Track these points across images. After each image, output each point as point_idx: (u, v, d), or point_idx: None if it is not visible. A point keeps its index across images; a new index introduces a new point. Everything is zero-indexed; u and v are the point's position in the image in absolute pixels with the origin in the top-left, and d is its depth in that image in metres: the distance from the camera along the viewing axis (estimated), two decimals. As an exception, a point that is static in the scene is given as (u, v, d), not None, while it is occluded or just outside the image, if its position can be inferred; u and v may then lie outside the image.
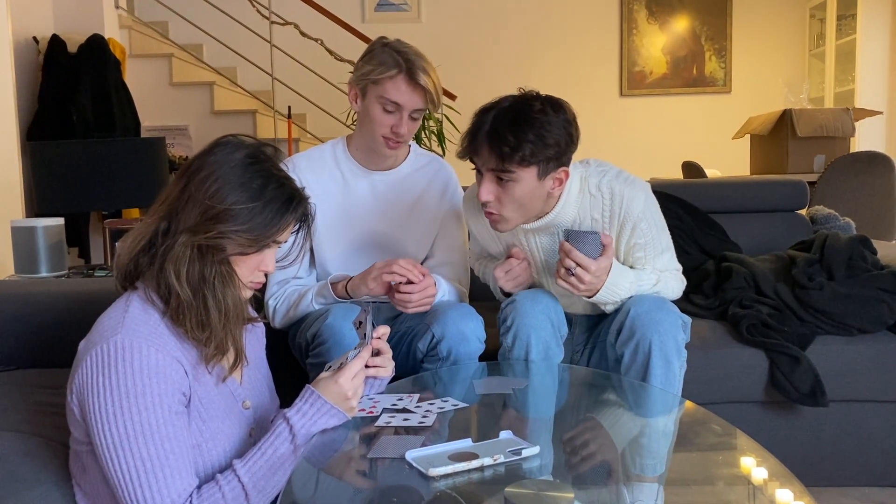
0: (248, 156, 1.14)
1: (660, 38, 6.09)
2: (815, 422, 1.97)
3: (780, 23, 6.14)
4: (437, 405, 1.31)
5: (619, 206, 1.61)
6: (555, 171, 1.53)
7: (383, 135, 1.75)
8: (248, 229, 1.11)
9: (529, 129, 1.46)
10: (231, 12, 4.71)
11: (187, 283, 1.09)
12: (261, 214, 1.11)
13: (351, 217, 1.86)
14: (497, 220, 1.58)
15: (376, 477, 1.06)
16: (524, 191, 1.52)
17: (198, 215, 1.10)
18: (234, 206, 1.10)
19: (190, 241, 1.10)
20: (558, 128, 1.49)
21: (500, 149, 1.47)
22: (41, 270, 2.32)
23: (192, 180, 1.12)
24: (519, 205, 1.54)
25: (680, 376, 1.64)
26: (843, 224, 2.59)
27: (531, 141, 1.46)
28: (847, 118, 3.98)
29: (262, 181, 1.12)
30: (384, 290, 1.66)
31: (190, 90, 4.56)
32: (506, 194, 1.52)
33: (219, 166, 1.12)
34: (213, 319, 1.11)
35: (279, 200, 1.13)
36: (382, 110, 1.73)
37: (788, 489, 0.96)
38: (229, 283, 1.13)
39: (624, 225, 1.62)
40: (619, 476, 1.09)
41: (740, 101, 6.12)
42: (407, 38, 1.83)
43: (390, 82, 1.70)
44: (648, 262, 1.69)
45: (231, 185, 1.10)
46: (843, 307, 1.99)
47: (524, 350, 1.64)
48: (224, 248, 1.11)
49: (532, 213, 1.59)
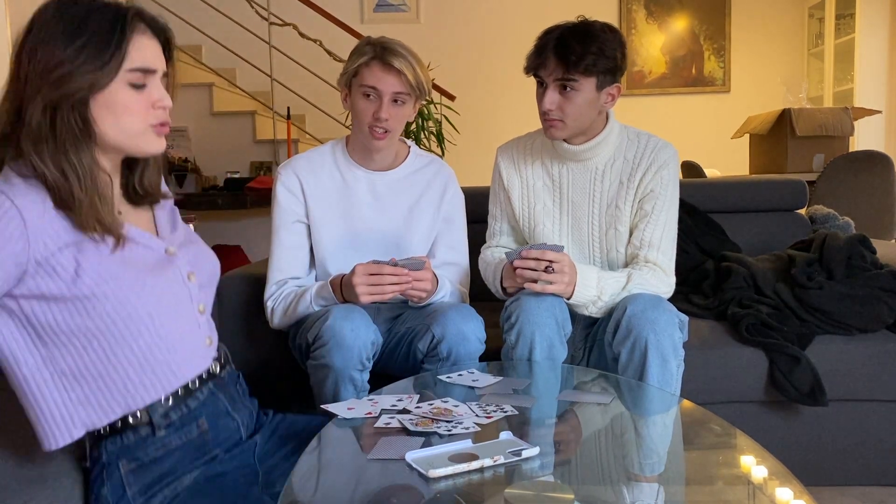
0: (58, 2, 1.08)
1: (658, 37, 6.10)
2: (814, 421, 1.97)
3: (779, 22, 6.15)
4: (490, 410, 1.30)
5: (651, 150, 1.80)
6: (610, 85, 1.73)
7: (368, 124, 1.76)
8: (85, 61, 1.04)
9: (592, 42, 1.67)
10: (230, 13, 4.71)
11: (50, 159, 1.04)
12: (93, 45, 1.05)
13: (350, 217, 1.86)
14: (555, 126, 1.75)
15: (376, 478, 1.07)
16: (584, 99, 1.71)
17: (41, 86, 1.04)
18: (66, 54, 1.04)
19: (41, 106, 1.03)
20: (614, 44, 1.70)
21: (567, 58, 1.67)
22: (41, 272, 2.32)
23: (21, 62, 1.06)
24: (578, 113, 1.72)
25: (677, 375, 1.65)
26: (843, 223, 2.59)
27: (594, 52, 1.67)
28: (846, 117, 3.98)
29: (82, 17, 1.06)
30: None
31: (189, 91, 4.56)
32: (567, 102, 1.71)
33: (38, 33, 1.07)
34: (75, 191, 1.05)
35: (106, 20, 1.07)
36: (364, 98, 1.76)
37: (788, 488, 0.96)
38: (83, 143, 1.06)
39: (649, 168, 1.79)
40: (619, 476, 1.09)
41: (739, 100, 6.12)
42: (405, 39, 1.84)
43: (366, 69, 1.75)
44: (648, 226, 1.78)
45: (55, 41, 1.05)
46: (842, 306, 1.99)
47: (528, 348, 1.65)
48: (73, 93, 1.04)
49: (585, 124, 1.76)
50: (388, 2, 6.02)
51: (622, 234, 1.82)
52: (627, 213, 1.81)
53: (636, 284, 1.73)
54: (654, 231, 1.78)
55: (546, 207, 1.87)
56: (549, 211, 1.87)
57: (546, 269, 1.64)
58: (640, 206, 1.80)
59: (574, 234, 1.86)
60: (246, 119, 4.61)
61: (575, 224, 1.86)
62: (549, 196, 1.87)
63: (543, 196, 1.88)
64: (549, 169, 1.87)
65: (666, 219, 1.80)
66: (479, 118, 5.90)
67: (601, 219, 1.84)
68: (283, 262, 1.84)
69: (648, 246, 1.78)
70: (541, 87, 1.75)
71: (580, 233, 1.86)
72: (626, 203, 1.81)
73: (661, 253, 1.78)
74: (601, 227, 1.84)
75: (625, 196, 1.81)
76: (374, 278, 1.63)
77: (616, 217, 1.82)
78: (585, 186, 1.84)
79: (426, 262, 1.68)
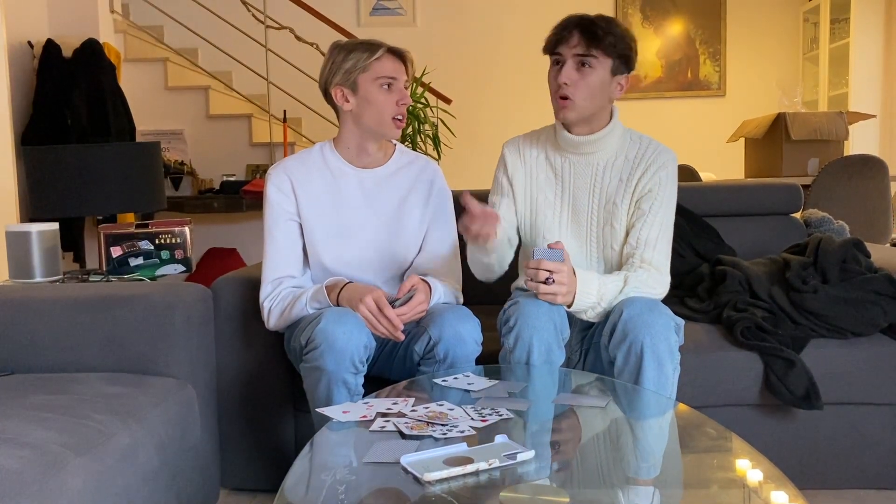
0: None
1: (654, 41, 6.12)
2: (809, 425, 1.98)
3: (774, 26, 6.17)
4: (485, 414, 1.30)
5: (651, 152, 1.85)
6: (621, 74, 1.79)
7: (392, 115, 1.84)
8: None
9: (615, 26, 1.77)
10: (226, 16, 4.71)
11: None
12: None
13: (342, 214, 1.88)
14: (567, 106, 1.79)
15: (371, 482, 1.06)
16: (598, 79, 1.77)
17: None
18: None
19: None
20: (629, 39, 1.79)
21: (591, 33, 1.74)
22: (36, 275, 2.32)
23: None
24: (589, 92, 1.77)
25: (673, 378, 1.65)
26: (837, 227, 2.60)
27: (615, 34, 1.75)
28: (841, 121, 3.99)
29: None
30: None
31: (185, 94, 4.56)
32: (582, 80, 1.76)
33: None
34: None
35: None
36: (382, 90, 1.83)
37: (783, 492, 0.96)
38: None
39: (648, 168, 1.83)
40: (615, 479, 1.09)
41: (734, 104, 6.14)
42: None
43: (379, 62, 1.82)
44: (645, 225, 1.80)
45: None
46: (837, 310, 2.00)
47: (526, 352, 1.65)
48: None
49: (593, 108, 1.80)
50: (384, 5, 6.03)
51: (618, 231, 1.84)
52: (624, 211, 1.83)
53: (633, 288, 1.73)
54: (650, 230, 1.80)
55: (547, 199, 1.89)
56: (551, 203, 1.89)
57: (546, 281, 1.65)
58: (638, 205, 1.82)
59: (573, 228, 1.88)
60: (242, 122, 4.60)
61: (574, 217, 1.87)
62: (550, 188, 1.89)
63: (546, 188, 1.90)
64: (553, 162, 1.90)
65: (662, 218, 1.82)
66: (475, 121, 5.91)
67: (599, 214, 1.86)
68: (277, 260, 1.85)
69: (645, 245, 1.79)
70: (556, 66, 1.80)
71: (579, 226, 1.87)
72: (623, 201, 1.83)
73: (657, 252, 1.79)
74: (599, 222, 1.86)
75: (623, 194, 1.83)
76: (379, 314, 1.68)
77: (612, 213, 1.84)
78: (587, 181, 1.86)
79: (418, 293, 1.74)
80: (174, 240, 2.55)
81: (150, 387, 1.63)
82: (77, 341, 1.76)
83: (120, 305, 1.77)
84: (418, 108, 4.49)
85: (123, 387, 1.60)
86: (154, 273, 2.52)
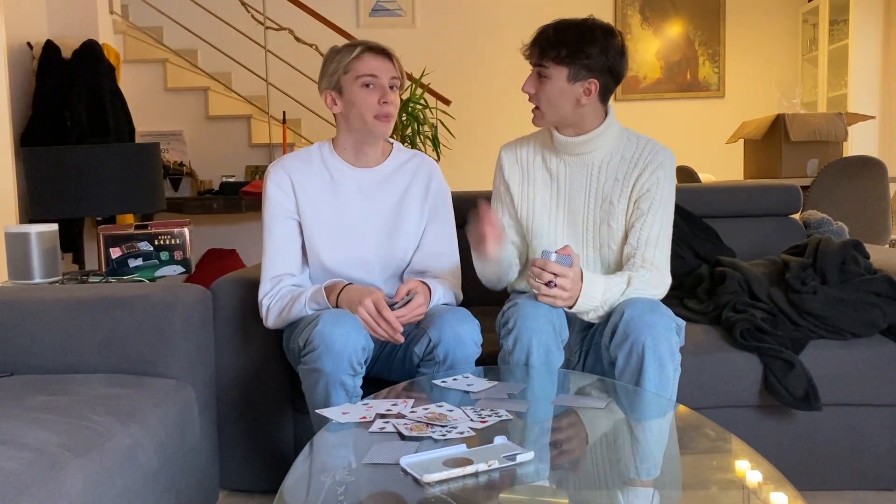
0: None
1: (654, 43, 6.12)
2: (808, 426, 1.98)
3: (774, 27, 6.17)
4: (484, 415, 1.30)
5: (649, 152, 1.84)
6: (585, 79, 1.76)
7: (374, 114, 1.81)
8: None
9: (573, 35, 1.75)
10: (226, 18, 4.71)
11: None
12: None
13: (341, 213, 1.88)
14: (535, 114, 1.84)
15: (370, 483, 1.06)
16: (555, 88, 1.77)
17: None
18: None
19: None
20: (599, 45, 1.74)
21: (541, 45, 1.77)
22: (35, 276, 2.31)
23: None
24: (549, 100, 1.79)
25: (674, 379, 1.65)
26: (836, 228, 2.60)
27: (568, 44, 1.73)
28: (840, 122, 4.00)
29: None
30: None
31: (184, 95, 4.56)
32: (541, 89, 1.79)
33: None
34: None
35: None
36: (364, 89, 1.80)
37: (782, 493, 0.96)
38: None
39: (646, 168, 1.82)
40: (615, 481, 1.09)
41: (734, 105, 6.14)
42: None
43: (359, 61, 1.81)
44: (645, 225, 1.80)
45: None
46: (836, 311, 2.00)
47: (525, 353, 1.65)
48: None
49: (562, 114, 1.81)
50: (384, 6, 6.03)
51: (615, 230, 1.84)
52: (621, 211, 1.83)
53: (635, 289, 1.74)
54: (651, 230, 1.80)
55: (544, 200, 1.90)
56: (546, 204, 1.89)
57: (548, 284, 1.65)
58: (637, 205, 1.82)
59: (569, 229, 1.88)
60: (241, 123, 4.60)
61: (570, 218, 1.88)
62: (546, 190, 1.90)
63: (542, 189, 1.90)
64: (548, 163, 1.90)
65: (662, 217, 1.82)
66: (474, 123, 5.91)
67: (595, 213, 1.86)
68: (276, 258, 1.85)
69: (646, 244, 1.79)
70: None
71: (575, 227, 1.87)
72: (619, 200, 1.83)
73: (658, 251, 1.80)
74: (595, 221, 1.86)
75: (619, 193, 1.83)
76: (378, 317, 1.67)
77: (609, 213, 1.84)
78: (582, 181, 1.87)
79: (418, 295, 1.73)
80: (173, 241, 2.55)
81: (149, 388, 1.63)
82: (76, 342, 1.76)
83: (119, 306, 1.77)
84: (417, 109, 4.50)
85: (123, 388, 1.60)
86: (153, 274, 2.52)
